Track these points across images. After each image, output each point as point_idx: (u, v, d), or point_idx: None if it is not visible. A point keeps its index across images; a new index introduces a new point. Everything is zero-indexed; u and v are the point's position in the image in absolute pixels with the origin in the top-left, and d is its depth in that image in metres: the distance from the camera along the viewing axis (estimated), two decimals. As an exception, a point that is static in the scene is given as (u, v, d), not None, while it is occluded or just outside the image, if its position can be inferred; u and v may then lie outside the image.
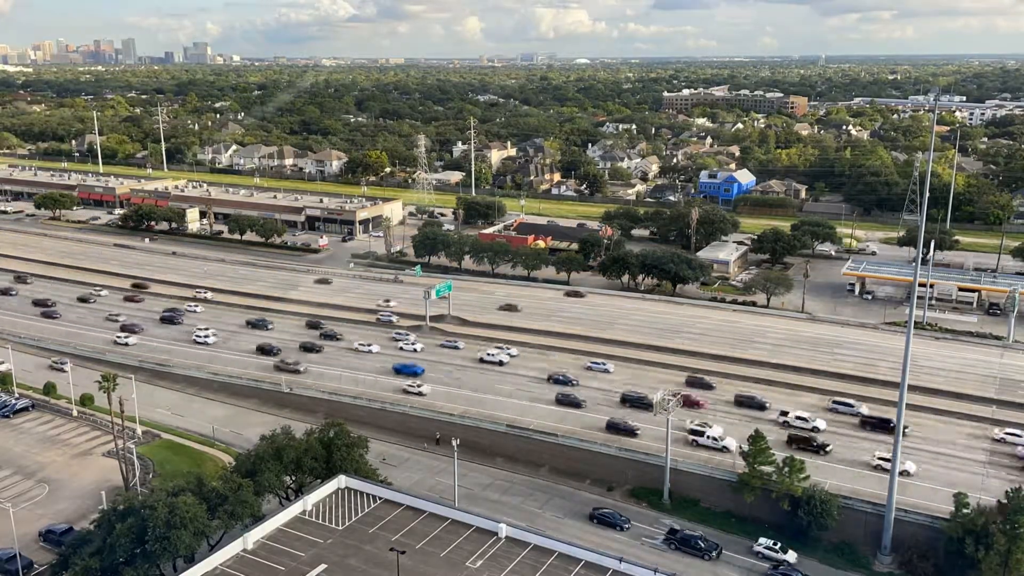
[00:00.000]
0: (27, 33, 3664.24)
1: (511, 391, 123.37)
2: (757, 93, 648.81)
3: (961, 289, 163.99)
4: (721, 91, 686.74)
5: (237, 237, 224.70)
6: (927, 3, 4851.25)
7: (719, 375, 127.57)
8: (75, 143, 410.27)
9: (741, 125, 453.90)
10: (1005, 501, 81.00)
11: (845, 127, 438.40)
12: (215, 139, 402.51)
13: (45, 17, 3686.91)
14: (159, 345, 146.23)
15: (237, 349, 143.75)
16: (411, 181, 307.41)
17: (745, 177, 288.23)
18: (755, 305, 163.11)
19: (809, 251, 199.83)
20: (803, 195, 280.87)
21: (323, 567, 71.71)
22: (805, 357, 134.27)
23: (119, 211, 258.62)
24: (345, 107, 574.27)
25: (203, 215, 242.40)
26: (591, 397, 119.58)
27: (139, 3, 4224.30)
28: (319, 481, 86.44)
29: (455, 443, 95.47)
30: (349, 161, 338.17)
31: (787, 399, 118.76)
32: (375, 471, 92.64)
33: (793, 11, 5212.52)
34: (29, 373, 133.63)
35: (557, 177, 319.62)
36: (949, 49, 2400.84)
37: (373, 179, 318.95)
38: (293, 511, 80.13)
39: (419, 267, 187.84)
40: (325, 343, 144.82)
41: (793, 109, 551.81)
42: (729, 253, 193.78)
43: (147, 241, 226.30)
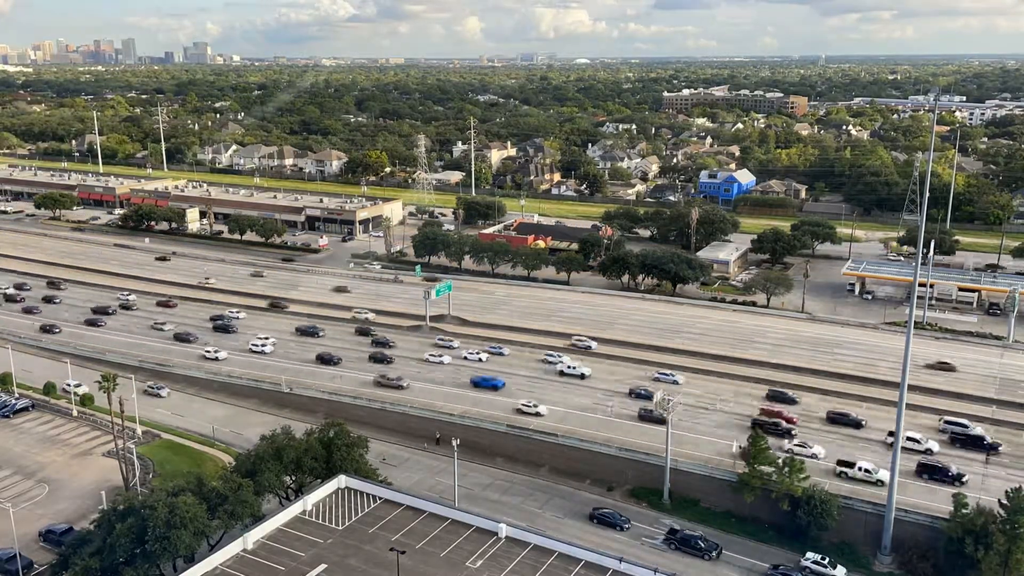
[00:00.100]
0: (27, 33, 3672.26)
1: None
2: (757, 93, 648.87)
3: (961, 289, 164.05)
4: (721, 91, 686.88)
5: (237, 237, 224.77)
6: (927, 3, 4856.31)
7: (718, 375, 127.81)
8: (75, 143, 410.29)
9: (741, 125, 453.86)
10: (1006, 501, 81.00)
11: (845, 127, 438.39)
12: (215, 139, 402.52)
13: (45, 17, 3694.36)
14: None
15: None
16: (411, 181, 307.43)
17: (745, 177, 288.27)
18: (755, 305, 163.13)
19: (809, 251, 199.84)
20: (803, 195, 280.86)
21: (323, 567, 71.71)
22: (805, 357, 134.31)
23: (119, 211, 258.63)
24: (345, 107, 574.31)
25: (203, 215, 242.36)
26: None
27: (139, 3, 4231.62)
28: (319, 481, 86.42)
29: (455, 443, 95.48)
30: (349, 161, 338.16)
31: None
32: (375, 471, 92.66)
33: (793, 11, 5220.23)
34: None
35: (557, 177, 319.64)
36: (949, 49, 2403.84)
37: (373, 179, 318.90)
38: (293, 511, 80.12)
39: (419, 267, 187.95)
40: (387, 352, 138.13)
41: (793, 109, 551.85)
42: (729, 253, 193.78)
43: (147, 241, 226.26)
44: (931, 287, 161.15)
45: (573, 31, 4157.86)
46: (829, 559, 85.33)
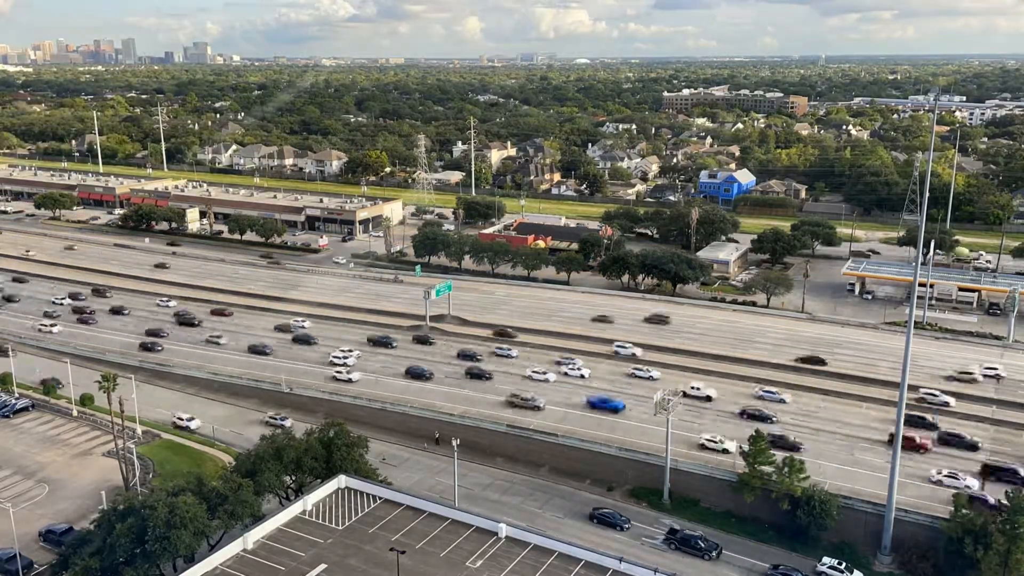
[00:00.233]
0: (27, 33, 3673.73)
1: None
2: (757, 93, 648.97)
3: (961, 289, 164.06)
4: (721, 91, 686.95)
5: (237, 237, 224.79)
6: (927, 3, 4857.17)
7: (718, 375, 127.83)
8: (75, 143, 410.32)
9: (741, 125, 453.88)
10: (1005, 501, 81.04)
11: (845, 127, 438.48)
12: (215, 139, 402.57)
13: (45, 17, 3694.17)
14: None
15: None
16: (411, 181, 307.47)
17: (745, 177, 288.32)
18: (755, 305, 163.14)
19: (809, 251, 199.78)
20: (803, 195, 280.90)
21: (323, 567, 71.71)
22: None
23: (119, 211, 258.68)
24: (345, 107, 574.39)
25: (203, 215, 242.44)
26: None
27: (139, 3, 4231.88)
28: (319, 481, 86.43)
29: (455, 443, 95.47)
30: (349, 161, 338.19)
31: (790, 399, 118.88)
32: (375, 471, 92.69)
33: (793, 11, 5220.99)
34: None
35: (557, 177, 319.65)
36: (949, 49, 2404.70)
37: (373, 179, 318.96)
38: (293, 511, 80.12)
39: (419, 267, 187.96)
40: (484, 366, 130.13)
41: (793, 109, 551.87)
42: (729, 253, 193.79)
43: (147, 241, 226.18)
44: (931, 287, 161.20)
45: (573, 31, 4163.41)
46: (846, 564, 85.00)
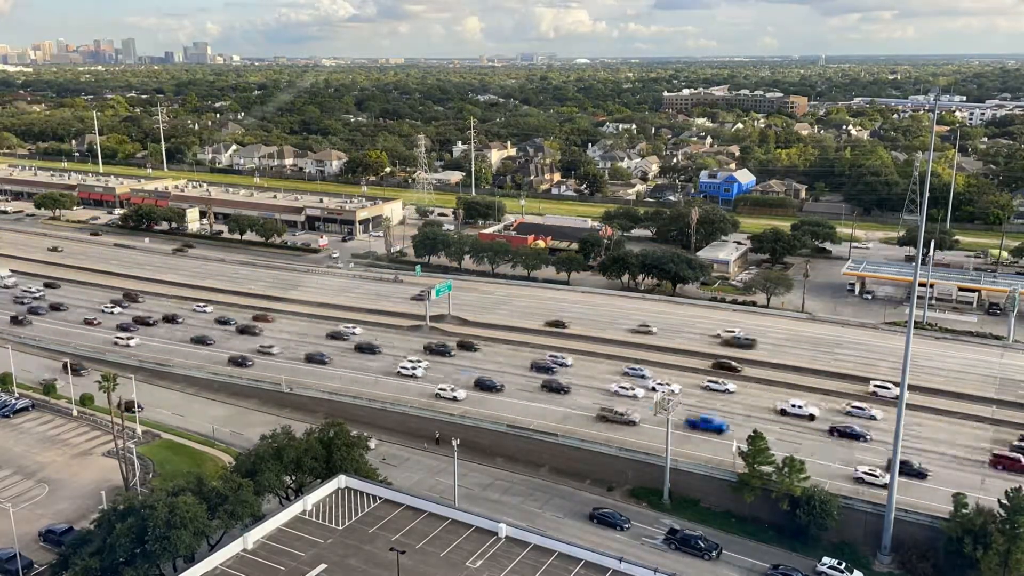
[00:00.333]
0: (27, 33, 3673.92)
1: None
2: (757, 93, 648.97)
3: (961, 289, 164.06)
4: (721, 91, 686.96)
5: (237, 237, 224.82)
6: (928, 3, 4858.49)
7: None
8: (75, 143, 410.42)
9: (741, 125, 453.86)
10: (1005, 501, 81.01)
11: (845, 127, 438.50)
12: (215, 139, 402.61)
13: (45, 17, 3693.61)
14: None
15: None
16: (411, 181, 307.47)
17: (745, 177, 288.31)
18: (755, 305, 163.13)
19: (809, 251, 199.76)
20: (803, 195, 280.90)
21: (323, 567, 71.69)
22: (805, 357, 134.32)
23: (119, 211, 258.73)
24: (345, 107, 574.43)
25: (203, 215, 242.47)
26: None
27: (139, 3, 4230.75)
28: (319, 481, 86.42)
29: (455, 443, 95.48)
30: (349, 161, 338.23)
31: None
32: (375, 471, 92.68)
33: (794, 11, 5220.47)
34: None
35: (557, 177, 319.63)
36: (949, 49, 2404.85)
37: (373, 179, 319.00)
38: (293, 511, 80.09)
39: (419, 267, 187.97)
40: (562, 380, 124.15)
41: (793, 109, 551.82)
42: (729, 253, 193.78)
43: (147, 241, 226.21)
44: (931, 287, 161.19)
45: (573, 31, 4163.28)
46: (846, 564, 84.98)
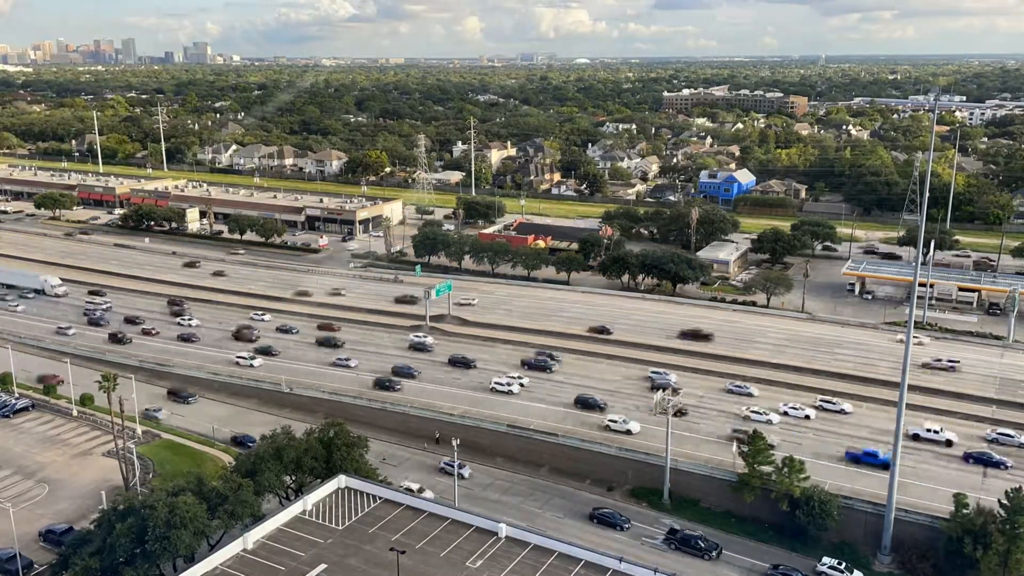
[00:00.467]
0: (27, 33, 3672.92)
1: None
2: (757, 93, 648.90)
3: (961, 289, 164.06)
4: (721, 91, 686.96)
5: (237, 237, 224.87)
6: (928, 3, 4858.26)
7: (718, 375, 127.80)
8: (75, 143, 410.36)
9: (741, 125, 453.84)
10: (1006, 501, 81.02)
11: (845, 127, 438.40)
12: (215, 139, 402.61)
13: (45, 17, 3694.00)
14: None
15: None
16: (411, 181, 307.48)
17: (745, 177, 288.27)
18: (755, 305, 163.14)
19: (809, 251, 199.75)
20: (803, 195, 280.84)
21: (323, 567, 71.70)
22: (805, 357, 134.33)
23: (119, 211, 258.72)
24: (345, 107, 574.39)
25: (203, 215, 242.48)
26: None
27: (139, 3, 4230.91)
28: (319, 481, 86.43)
29: (455, 443, 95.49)
30: (349, 161, 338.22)
31: (790, 398, 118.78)
32: (375, 471, 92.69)
33: (794, 11, 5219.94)
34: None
35: (557, 177, 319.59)
36: (950, 49, 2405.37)
37: (373, 179, 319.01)
38: (293, 511, 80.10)
39: (419, 267, 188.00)
40: (680, 399, 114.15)
41: (793, 109, 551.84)
42: (729, 253, 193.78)
43: (147, 241, 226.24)
44: (931, 287, 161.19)
45: (573, 31, 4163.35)
46: (846, 564, 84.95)
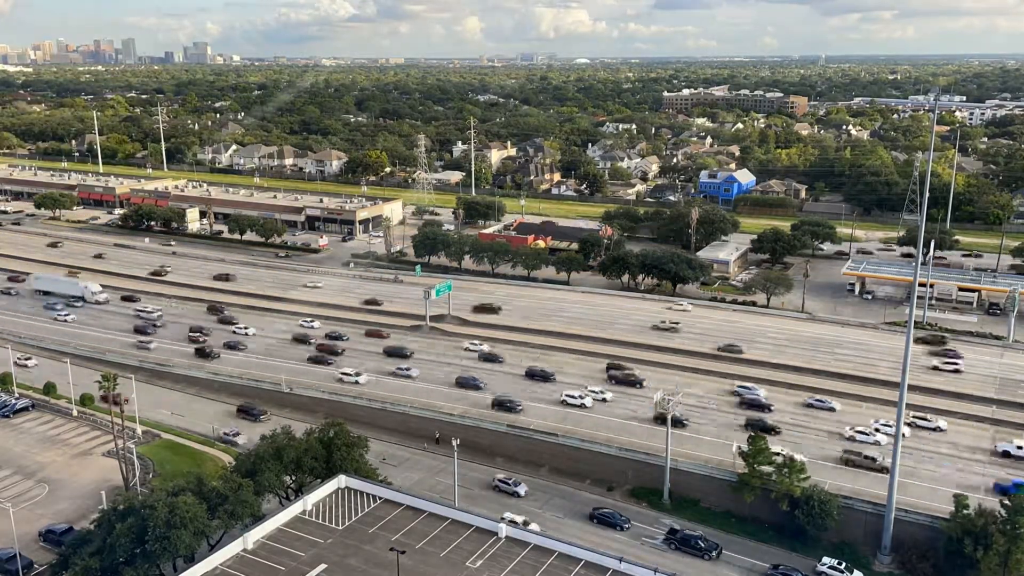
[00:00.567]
0: (27, 33, 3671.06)
1: None
2: (757, 93, 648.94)
3: (961, 289, 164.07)
4: (721, 91, 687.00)
5: (237, 237, 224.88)
6: (928, 3, 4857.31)
7: (718, 375, 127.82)
8: (75, 143, 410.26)
9: (741, 125, 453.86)
10: (1007, 501, 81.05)
11: (845, 127, 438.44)
12: (215, 139, 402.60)
13: (45, 17, 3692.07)
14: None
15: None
16: (411, 181, 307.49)
17: (745, 177, 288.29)
18: (755, 305, 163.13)
19: (809, 251, 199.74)
20: (803, 195, 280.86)
21: (323, 567, 71.68)
22: (805, 357, 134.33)
23: (119, 211, 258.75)
24: (345, 107, 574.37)
25: (203, 215, 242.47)
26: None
27: (139, 3, 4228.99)
28: (319, 481, 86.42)
29: (455, 443, 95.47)
30: (349, 161, 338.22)
31: (789, 398, 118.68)
32: (375, 471, 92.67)
33: (794, 11, 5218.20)
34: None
35: (557, 177, 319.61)
36: (950, 49, 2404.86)
37: (373, 179, 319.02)
38: (293, 511, 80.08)
39: (419, 267, 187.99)
40: (768, 417, 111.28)
41: (793, 109, 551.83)
42: (729, 253, 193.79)
43: (147, 241, 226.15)
44: (931, 287, 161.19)
45: (573, 31, 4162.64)
46: (846, 564, 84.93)
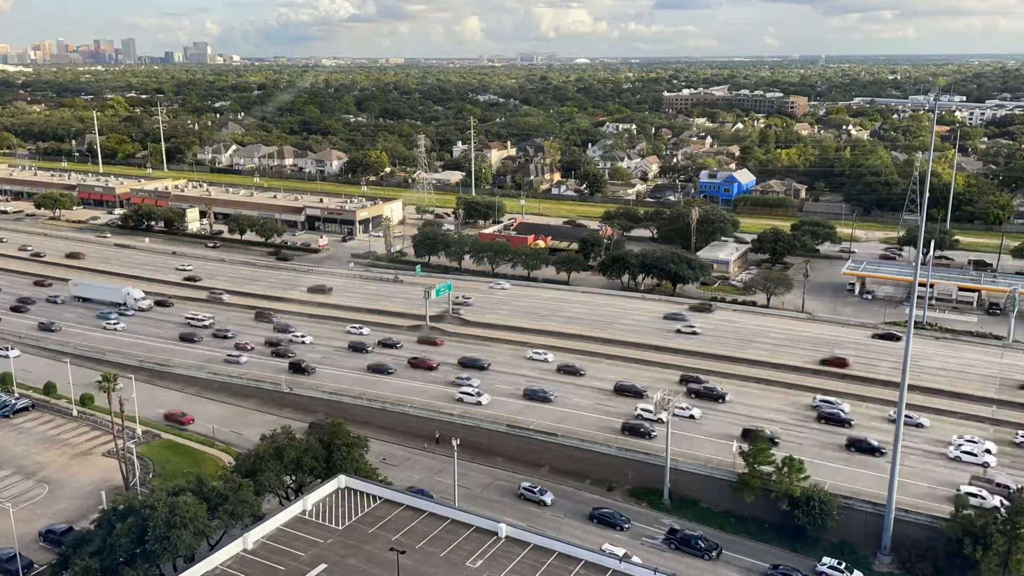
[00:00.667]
0: (27, 33, 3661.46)
1: None
2: (757, 93, 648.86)
3: (961, 289, 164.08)
4: (721, 91, 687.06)
5: (237, 237, 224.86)
6: (929, 3, 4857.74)
7: (718, 375, 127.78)
8: (75, 143, 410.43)
9: (741, 125, 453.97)
10: (1007, 502, 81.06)
11: (845, 127, 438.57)
12: (215, 139, 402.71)
13: (45, 17, 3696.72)
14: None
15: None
16: (411, 181, 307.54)
17: (745, 177, 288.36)
18: (755, 305, 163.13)
19: (810, 251, 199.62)
20: (803, 195, 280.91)
21: (323, 567, 71.68)
22: (805, 357, 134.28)
23: (119, 211, 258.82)
24: (345, 107, 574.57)
25: (203, 215, 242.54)
26: None
27: (139, 3, 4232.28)
28: (319, 481, 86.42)
29: (455, 443, 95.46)
30: (349, 161, 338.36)
31: (789, 399, 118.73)
32: (375, 471, 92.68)
33: (795, 11, 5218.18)
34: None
35: (557, 177, 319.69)
36: (950, 49, 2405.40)
37: (373, 179, 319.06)
38: (293, 511, 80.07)
39: (419, 267, 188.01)
40: (871, 440, 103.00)
41: (793, 109, 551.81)
42: (729, 253, 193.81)
43: (147, 241, 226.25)
44: (931, 287, 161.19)
45: (573, 31, 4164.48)
46: (846, 564, 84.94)
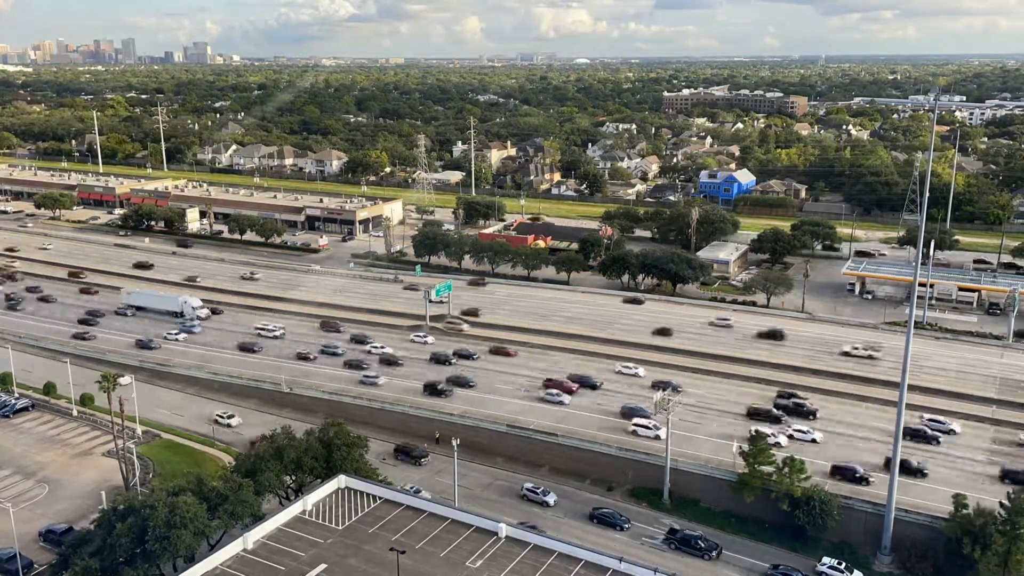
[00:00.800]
0: (27, 33, 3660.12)
1: None
2: (757, 93, 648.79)
3: (961, 289, 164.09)
4: (721, 91, 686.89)
5: (237, 237, 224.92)
6: (929, 3, 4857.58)
7: (719, 375, 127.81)
8: (75, 143, 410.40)
9: (741, 125, 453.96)
10: (1006, 502, 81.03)
11: (845, 127, 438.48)
12: (215, 139, 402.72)
13: (45, 17, 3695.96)
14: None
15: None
16: (411, 181, 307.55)
17: (745, 177, 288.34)
18: (755, 305, 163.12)
19: (810, 251, 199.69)
20: (803, 195, 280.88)
21: (323, 567, 71.68)
22: (805, 357, 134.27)
23: (119, 211, 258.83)
24: (345, 107, 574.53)
25: (203, 215, 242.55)
26: None
27: (139, 3, 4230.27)
28: (319, 481, 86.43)
29: (455, 443, 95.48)
30: (349, 161, 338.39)
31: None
32: (375, 471, 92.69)
33: (795, 11, 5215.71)
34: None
35: (557, 177, 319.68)
36: (950, 49, 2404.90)
37: (373, 179, 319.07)
38: (293, 511, 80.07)
39: (419, 267, 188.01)
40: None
41: (793, 109, 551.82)
42: (729, 253, 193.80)
43: (147, 241, 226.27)
44: (931, 287, 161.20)
45: (573, 31, 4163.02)
46: (846, 564, 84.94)
